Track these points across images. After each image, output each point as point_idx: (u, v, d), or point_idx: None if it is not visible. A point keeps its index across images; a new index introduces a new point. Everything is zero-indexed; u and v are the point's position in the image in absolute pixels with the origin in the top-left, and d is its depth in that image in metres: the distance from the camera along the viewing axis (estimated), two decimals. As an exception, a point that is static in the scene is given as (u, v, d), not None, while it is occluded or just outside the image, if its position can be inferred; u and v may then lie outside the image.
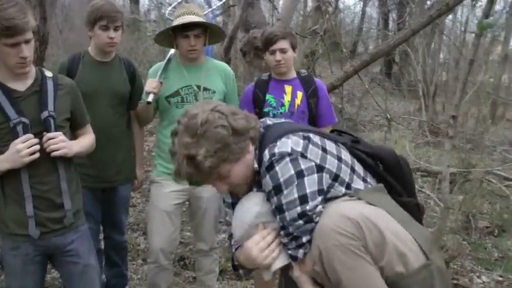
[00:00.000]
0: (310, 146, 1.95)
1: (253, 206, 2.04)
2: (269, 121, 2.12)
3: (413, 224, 1.99)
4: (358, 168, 2.09)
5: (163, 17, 11.50)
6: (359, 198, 1.97)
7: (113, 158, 3.48)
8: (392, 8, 19.79)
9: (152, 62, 8.03)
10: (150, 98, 3.32)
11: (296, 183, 1.89)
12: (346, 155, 2.06)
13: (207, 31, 3.44)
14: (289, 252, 1.99)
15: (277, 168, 1.89)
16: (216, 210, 3.74)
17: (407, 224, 1.93)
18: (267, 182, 1.93)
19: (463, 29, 15.63)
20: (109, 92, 3.39)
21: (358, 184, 2.04)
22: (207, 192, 3.59)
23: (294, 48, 3.55)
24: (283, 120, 2.19)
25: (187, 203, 3.71)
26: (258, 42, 6.10)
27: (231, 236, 2.31)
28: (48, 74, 2.66)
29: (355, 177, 2.04)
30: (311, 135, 1.99)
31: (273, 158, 1.89)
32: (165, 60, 3.50)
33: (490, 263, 5.09)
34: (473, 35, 16.78)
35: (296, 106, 3.56)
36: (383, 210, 1.93)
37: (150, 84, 3.34)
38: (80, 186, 2.80)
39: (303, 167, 1.90)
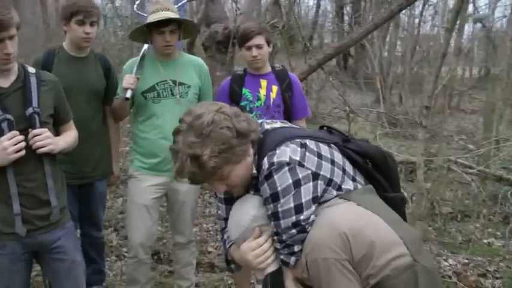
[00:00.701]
0: (307, 153, 2.01)
1: (250, 209, 2.10)
2: (267, 125, 2.16)
3: (401, 224, 2.08)
4: (348, 167, 2.16)
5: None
6: (349, 200, 2.06)
7: (90, 153, 3.48)
8: (347, 2, 20.04)
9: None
10: (129, 93, 3.33)
11: (293, 192, 1.96)
12: (338, 157, 2.14)
13: (181, 27, 3.47)
14: (282, 257, 2.06)
15: (275, 177, 1.95)
16: (194, 203, 3.79)
17: (395, 225, 2.00)
18: (265, 189, 1.99)
19: (416, 22, 15.98)
20: (85, 87, 3.38)
21: (348, 184, 2.11)
22: (185, 185, 3.62)
23: (269, 43, 3.61)
24: (279, 123, 2.23)
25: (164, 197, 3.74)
26: (220, 36, 6.18)
27: (223, 230, 2.36)
28: (31, 70, 2.64)
29: (345, 177, 2.12)
30: (307, 141, 2.05)
31: (272, 168, 1.95)
32: (140, 56, 3.50)
33: (455, 246, 5.28)
34: (427, 28, 17.24)
35: (271, 100, 3.62)
36: (372, 213, 2.01)
37: (128, 80, 3.35)
38: (65, 183, 2.80)
39: (300, 176, 1.96)
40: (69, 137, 2.80)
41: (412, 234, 2.07)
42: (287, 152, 1.97)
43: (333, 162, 2.09)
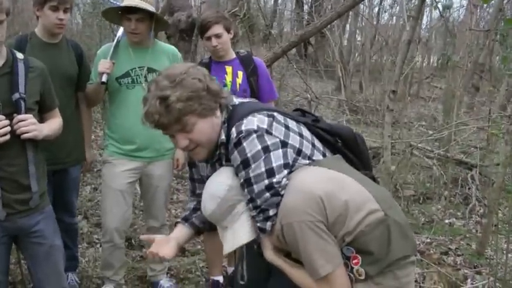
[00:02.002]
0: (275, 123, 2.10)
1: (225, 179, 2.14)
2: (235, 100, 2.24)
3: (371, 183, 2.19)
4: (318, 144, 2.26)
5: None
6: (319, 165, 2.14)
7: (64, 139, 3.45)
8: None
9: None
10: (104, 78, 3.35)
11: (263, 157, 2.03)
12: (306, 132, 2.23)
13: (153, 17, 3.48)
14: (258, 224, 2.10)
15: (244, 144, 2.03)
16: (167, 188, 3.84)
17: (365, 184, 2.11)
18: (235, 157, 2.06)
19: (376, 11, 16.22)
20: (58, 73, 3.38)
21: (318, 157, 2.20)
22: (159, 170, 3.68)
23: (228, 30, 3.67)
24: (247, 100, 2.32)
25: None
26: (183, 25, 6.19)
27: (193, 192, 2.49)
28: (20, 56, 2.64)
29: (315, 151, 2.21)
30: (275, 114, 2.14)
31: (240, 135, 2.03)
32: (114, 42, 3.52)
33: (418, 227, 5.46)
34: (385, 18, 17.50)
35: (238, 85, 3.69)
36: (343, 174, 2.11)
37: (103, 65, 3.36)
38: (46, 169, 2.82)
39: (268, 142, 2.04)
40: (54, 124, 2.82)
41: (383, 191, 2.20)
42: (254, 121, 2.06)
43: (301, 135, 2.18)
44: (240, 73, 3.72)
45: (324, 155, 2.24)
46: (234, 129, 2.05)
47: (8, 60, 2.59)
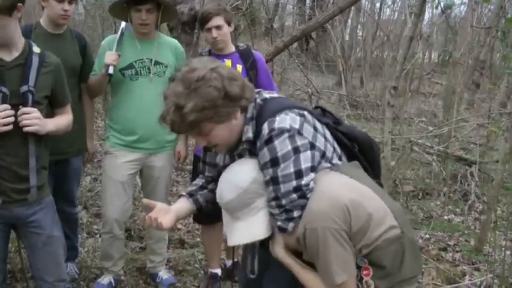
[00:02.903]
0: (305, 124, 2.07)
1: (250, 171, 2.10)
2: (266, 94, 2.20)
3: (387, 197, 2.19)
4: (337, 147, 2.24)
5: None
6: (340, 172, 2.13)
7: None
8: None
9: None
10: (111, 70, 3.36)
11: (293, 158, 2.00)
12: (328, 134, 2.21)
13: (160, 8, 3.49)
14: (279, 223, 2.06)
15: (276, 142, 1.99)
16: (168, 180, 3.85)
17: (384, 198, 2.12)
18: (264, 154, 2.02)
19: (377, 6, 16.21)
20: (62, 64, 3.39)
21: (336, 161, 2.19)
22: (160, 161, 3.69)
23: (229, 23, 3.67)
24: (277, 95, 2.28)
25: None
26: (185, 17, 6.18)
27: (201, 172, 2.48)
28: (36, 49, 2.65)
29: (334, 155, 2.19)
30: (305, 113, 2.11)
31: (272, 133, 1.99)
32: (119, 33, 3.53)
33: (417, 223, 5.48)
34: (387, 13, 17.47)
35: None
36: (365, 186, 2.10)
37: (110, 57, 3.36)
38: (48, 162, 2.82)
39: (299, 143, 2.01)
40: (61, 120, 2.82)
41: (398, 207, 2.19)
42: (287, 119, 2.02)
43: (325, 137, 2.16)
44: (239, 66, 3.72)
45: (340, 159, 2.23)
46: (266, 125, 2.01)
47: (24, 52, 2.60)
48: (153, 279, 4.02)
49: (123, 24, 3.57)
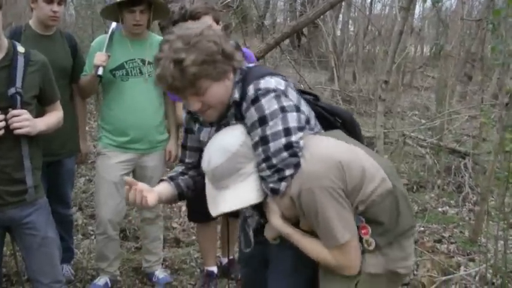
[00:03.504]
0: (289, 88, 2.09)
1: (238, 134, 2.07)
2: (250, 64, 2.21)
3: (376, 155, 2.22)
4: (317, 123, 2.24)
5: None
6: (326, 135, 2.14)
7: (58, 131, 3.45)
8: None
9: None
10: (100, 71, 3.36)
11: (281, 116, 1.99)
12: (309, 108, 2.21)
13: (151, 7, 3.49)
14: (271, 185, 2.03)
15: (262, 101, 1.99)
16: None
17: (372, 154, 2.13)
18: (252, 113, 2.01)
19: (368, 1, 16.22)
20: (52, 65, 3.33)
21: (317, 129, 2.20)
22: (152, 161, 3.70)
23: (217, 22, 3.66)
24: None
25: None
26: (176, 16, 6.17)
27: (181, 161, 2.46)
28: (21, 49, 2.64)
29: (317, 125, 2.20)
30: (289, 81, 2.13)
31: (258, 92, 1.99)
32: (109, 34, 3.52)
33: (412, 215, 5.48)
34: (378, 8, 17.48)
35: None
36: (353, 145, 2.11)
37: (100, 58, 3.36)
38: (41, 162, 2.82)
39: (285, 104, 2.01)
40: (51, 118, 2.81)
41: (387, 162, 2.22)
42: (272, 81, 2.03)
43: (308, 107, 2.17)
44: None
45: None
46: (251, 87, 2.02)
47: (8, 53, 2.58)
48: (149, 278, 4.02)
49: (113, 24, 3.57)
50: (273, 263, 2.37)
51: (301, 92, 2.37)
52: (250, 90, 2.02)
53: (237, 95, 2.08)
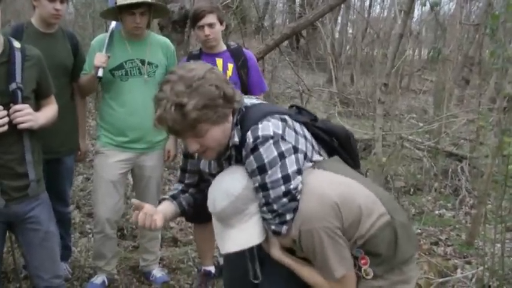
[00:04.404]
0: (287, 128, 2.10)
1: (240, 177, 2.12)
2: (247, 101, 2.21)
3: (373, 184, 2.25)
4: (315, 144, 2.28)
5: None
6: (324, 169, 2.18)
7: (58, 129, 3.45)
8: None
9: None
10: (100, 72, 3.36)
11: (279, 164, 2.03)
12: (307, 133, 2.24)
13: (151, 8, 3.50)
14: (273, 227, 2.09)
15: (261, 150, 2.02)
16: (159, 179, 3.86)
17: (369, 186, 2.17)
18: (251, 162, 2.04)
19: (367, 4, 16.26)
20: (54, 63, 3.38)
21: (315, 157, 2.23)
22: (151, 161, 3.70)
23: (221, 22, 3.67)
24: (258, 101, 2.29)
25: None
26: (176, 16, 6.19)
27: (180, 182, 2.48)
28: (17, 44, 2.65)
29: (314, 152, 2.23)
30: (286, 117, 2.14)
31: (257, 141, 2.01)
32: (108, 34, 3.53)
33: (409, 218, 5.49)
34: (377, 11, 17.51)
35: (228, 78, 3.69)
36: (351, 179, 2.15)
37: (100, 59, 3.36)
38: (41, 156, 2.83)
39: (283, 148, 2.04)
40: (49, 112, 2.83)
41: (385, 193, 2.24)
42: (270, 126, 2.04)
43: (305, 138, 2.19)
44: (230, 65, 3.72)
45: (320, 154, 2.27)
46: (250, 134, 2.04)
47: (5, 49, 2.59)
48: (146, 277, 4.03)
49: (113, 23, 3.58)
50: (268, 267, 2.39)
51: (298, 111, 2.40)
52: (249, 137, 2.04)
53: (236, 139, 2.11)
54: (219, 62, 3.71)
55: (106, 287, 3.85)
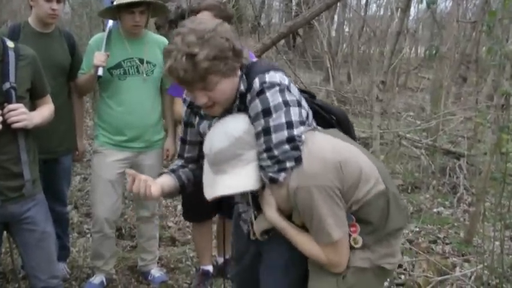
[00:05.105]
0: (292, 84, 2.12)
1: (244, 122, 2.09)
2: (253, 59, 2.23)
3: (370, 154, 2.25)
4: (312, 119, 2.26)
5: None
6: (326, 133, 2.17)
7: (55, 129, 3.46)
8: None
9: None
10: (100, 71, 3.35)
11: (284, 109, 2.02)
12: (306, 105, 2.22)
13: (150, 7, 3.49)
14: (270, 174, 2.04)
15: (268, 93, 2.02)
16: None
17: (367, 154, 2.18)
18: (256, 105, 2.04)
19: (363, 2, 16.24)
20: (51, 63, 3.38)
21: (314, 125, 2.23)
22: (149, 160, 3.69)
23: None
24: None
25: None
26: (172, 15, 6.19)
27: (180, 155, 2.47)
28: (10, 44, 2.65)
29: (313, 121, 2.23)
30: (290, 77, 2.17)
31: (264, 85, 2.02)
32: (106, 33, 3.52)
33: (407, 216, 5.50)
34: (373, 9, 17.52)
35: None
36: (351, 145, 2.15)
37: (99, 58, 3.35)
38: (37, 156, 2.83)
39: (288, 98, 2.04)
40: (44, 111, 2.82)
41: (380, 163, 2.26)
42: (277, 76, 2.06)
43: (305, 108, 2.19)
44: None
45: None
46: (257, 79, 2.04)
47: None
48: (145, 277, 4.02)
49: (110, 22, 3.56)
50: (266, 258, 2.39)
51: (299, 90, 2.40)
52: (256, 82, 2.04)
53: (242, 87, 2.10)
54: None
55: (104, 287, 3.84)
